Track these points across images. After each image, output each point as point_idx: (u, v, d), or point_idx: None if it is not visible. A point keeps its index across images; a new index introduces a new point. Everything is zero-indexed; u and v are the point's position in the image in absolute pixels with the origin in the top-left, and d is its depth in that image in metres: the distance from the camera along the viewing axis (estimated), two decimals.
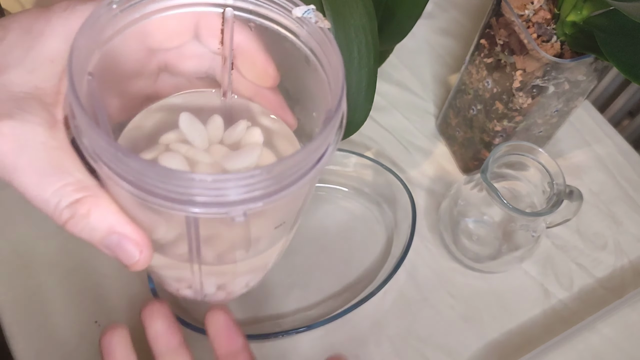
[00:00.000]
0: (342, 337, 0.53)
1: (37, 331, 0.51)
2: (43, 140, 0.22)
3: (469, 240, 0.55)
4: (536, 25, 0.48)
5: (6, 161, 0.22)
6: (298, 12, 0.27)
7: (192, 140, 0.28)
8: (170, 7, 0.26)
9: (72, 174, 0.22)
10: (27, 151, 0.22)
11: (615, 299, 0.57)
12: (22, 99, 0.22)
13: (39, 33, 0.23)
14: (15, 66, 0.23)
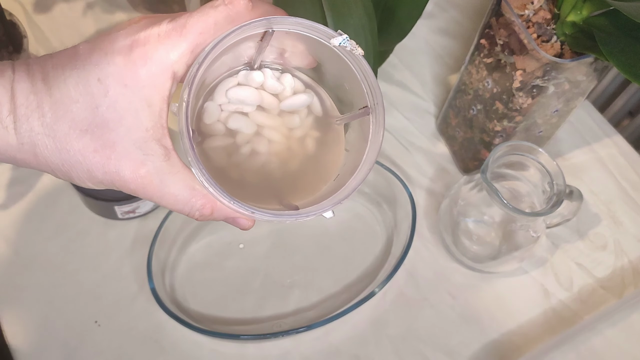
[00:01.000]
0: (342, 337, 0.53)
1: (37, 331, 0.51)
2: (168, 170, 0.30)
3: (469, 240, 0.55)
4: (536, 25, 0.48)
5: (148, 192, 0.30)
6: (335, 42, 0.31)
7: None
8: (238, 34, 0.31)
9: (194, 190, 0.31)
10: (162, 182, 0.30)
11: (615, 299, 0.57)
12: (144, 142, 0.30)
13: (133, 86, 0.29)
14: (128, 116, 0.29)
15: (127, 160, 0.30)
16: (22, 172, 0.59)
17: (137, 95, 0.29)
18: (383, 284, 0.52)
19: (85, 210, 0.57)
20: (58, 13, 0.69)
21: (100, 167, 0.30)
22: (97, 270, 0.54)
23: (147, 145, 0.30)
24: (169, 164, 0.30)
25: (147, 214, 0.57)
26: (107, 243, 0.56)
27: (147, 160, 0.30)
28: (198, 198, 0.31)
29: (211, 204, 0.32)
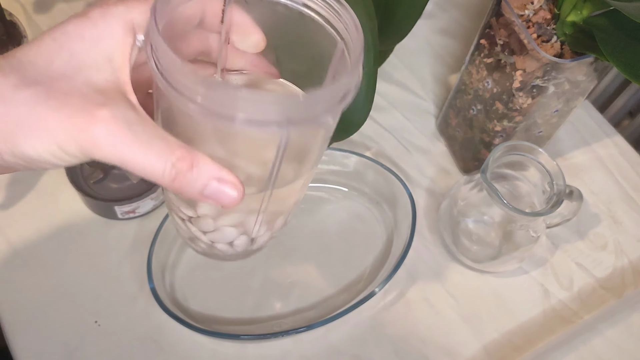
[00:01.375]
0: (342, 337, 0.53)
1: (37, 331, 0.51)
2: (135, 119, 0.26)
3: (469, 240, 0.55)
4: (536, 25, 0.48)
5: (115, 141, 0.26)
6: None
7: None
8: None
9: (169, 140, 0.26)
10: (130, 129, 0.26)
11: (615, 299, 0.57)
12: (106, 91, 0.26)
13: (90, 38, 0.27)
14: (86, 68, 0.27)
15: (87, 104, 0.26)
16: (22, 172, 0.59)
17: (95, 49, 0.27)
18: (383, 284, 0.52)
19: (85, 210, 0.57)
20: (58, 13, 0.69)
21: (55, 117, 0.25)
22: (97, 270, 0.54)
23: (109, 94, 0.27)
24: (137, 114, 0.27)
25: (147, 214, 0.57)
26: (107, 243, 0.56)
27: (111, 104, 0.26)
28: (175, 148, 0.26)
29: (191, 156, 0.27)
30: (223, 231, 0.33)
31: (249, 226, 0.33)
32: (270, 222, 0.35)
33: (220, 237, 0.34)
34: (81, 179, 0.56)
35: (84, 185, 0.55)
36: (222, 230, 0.33)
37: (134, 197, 0.55)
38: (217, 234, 0.33)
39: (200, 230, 0.34)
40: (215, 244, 0.34)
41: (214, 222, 0.33)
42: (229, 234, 0.33)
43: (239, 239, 0.34)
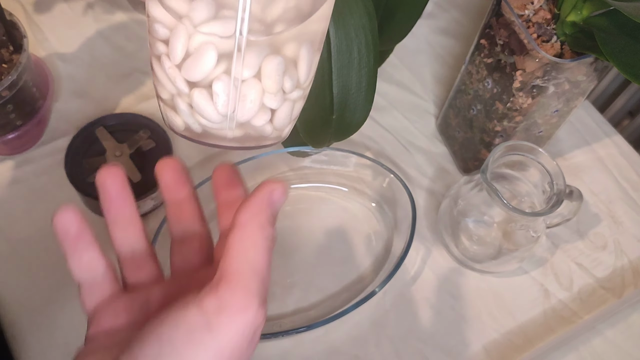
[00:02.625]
0: (342, 337, 0.53)
1: (37, 331, 0.51)
2: None
3: (469, 240, 0.55)
4: (536, 25, 0.48)
5: None
6: None
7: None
8: None
9: None
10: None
11: (615, 299, 0.57)
12: None
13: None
14: None
15: None
16: (22, 172, 0.59)
17: None
18: (383, 284, 0.52)
19: (86, 210, 0.57)
20: (58, 13, 0.69)
21: None
22: None
23: None
24: None
25: (147, 214, 0.57)
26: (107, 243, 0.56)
27: None
28: None
29: None
30: (201, 53, 0.27)
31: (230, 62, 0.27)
32: (257, 62, 0.28)
33: (196, 66, 0.27)
34: (81, 179, 0.56)
35: (84, 185, 0.55)
36: (199, 53, 0.27)
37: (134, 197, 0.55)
38: (193, 60, 0.27)
39: (174, 66, 0.28)
40: (193, 92, 0.28)
41: (187, 34, 0.27)
42: (207, 57, 0.27)
43: (220, 80, 0.28)
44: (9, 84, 0.53)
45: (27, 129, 0.58)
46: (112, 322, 0.31)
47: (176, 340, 0.25)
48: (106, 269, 0.33)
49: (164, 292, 0.33)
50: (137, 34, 0.68)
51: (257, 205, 0.28)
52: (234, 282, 0.26)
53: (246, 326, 0.27)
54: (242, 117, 0.29)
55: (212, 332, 0.26)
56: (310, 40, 0.29)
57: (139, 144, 0.58)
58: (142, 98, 0.64)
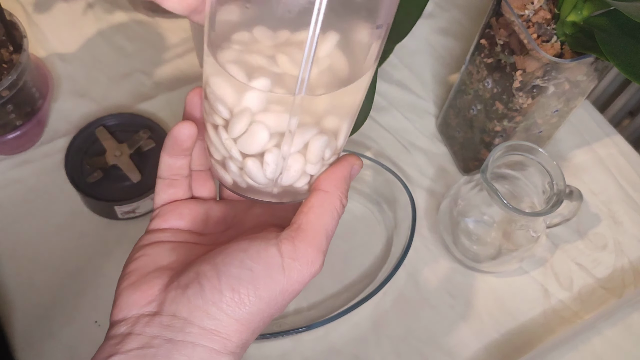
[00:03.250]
0: (342, 337, 0.53)
1: (38, 331, 0.51)
2: None
3: (469, 240, 0.55)
4: (536, 25, 0.48)
5: None
6: None
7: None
8: None
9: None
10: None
11: (615, 299, 0.57)
12: None
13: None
14: None
15: None
16: (22, 172, 0.59)
17: None
18: (383, 284, 0.52)
19: (85, 210, 0.57)
20: (58, 13, 0.69)
21: None
22: (97, 270, 0.54)
23: None
24: None
25: (147, 214, 0.57)
26: (107, 243, 0.56)
27: None
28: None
29: None
30: (255, 133, 0.31)
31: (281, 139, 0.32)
32: (304, 141, 0.32)
33: (251, 142, 0.31)
34: (81, 179, 0.56)
35: (84, 185, 0.55)
36: (253, 132, 0.31)
37: (134, 197, 0.55)
38: (248, 136, 0.31)
39: (231, 138, 0.32)
40: (246, 160, 0.32)
41: (248, 119, 0.31)
42: (260, 136, 0.31)
43: (271, 153, 0.32)
44: (9, 84, 0.53)
45: (27, 129, 0.58)
46: (176, 222, 0.35)
47: (255, 271, 0.29)
48: (187, 176, 0.36)
49: (222, 211, 0.37)
50: (137, 34, 0.68)
51: (340, 177, 0.33)
52: (310, 238, 0.31)
53: (311, 275, 0.31)
54: (286, 182, 0.33)
55: (285, 273, 0.30)
56: (350, 113, 0.34)
57: (139, 144, 0.58)
58: (142, 98, 0.64)
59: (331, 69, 0.31)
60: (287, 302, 0.31)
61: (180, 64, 0.67)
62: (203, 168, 0.37)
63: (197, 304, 0.29)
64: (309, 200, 0.32)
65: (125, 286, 0.32)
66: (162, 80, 0.66)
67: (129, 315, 0.30)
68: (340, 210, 0.33)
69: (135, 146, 0.57)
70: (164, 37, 0.69)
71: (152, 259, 0.32)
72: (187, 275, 0.30)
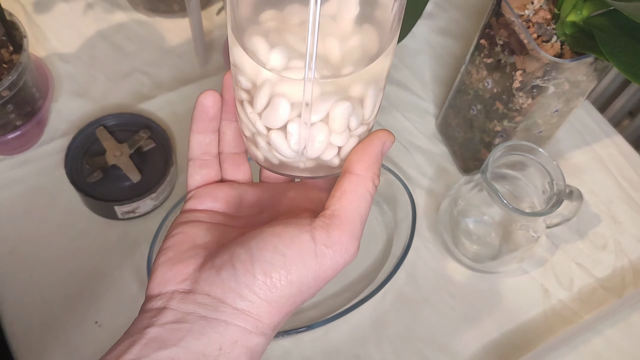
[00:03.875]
0: (342, 337, 0.53)
1: (38, 331, 0.51)
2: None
3: (469, 240, 0.55)
4: (536, 25, 0.48)
5: None
6: None
7: None
8: None
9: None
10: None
11: (615, 299, 0.57)
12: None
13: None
14: None
15: None
16: (22, 171, 0.59)
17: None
18: (383, 284, 0.52)
19: (85, 210, 0.57)
20: (58, 13, 0.69)
21: None
22: (97, 270, 0.54)
23: None
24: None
25: (147, 214, 0.57)
26: (107, 243, 0.56)
27: None
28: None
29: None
30: (276, 106, 0.31)
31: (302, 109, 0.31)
32: (326, 108, 0.31)
33: (273, 115, 0.31)
34: (81, 179, 0.56)
35: (84, 185, 0.55)
36: (275, 105, 0.31)
37: (134, 197, 0.55)
38: (270, 110, 0.31)
39: (255, 113, 0.32)
40: (271, 133, 0.32)
41: (268, 92, 0.31)
42: (281, 108, 0.31)
43: (293, 122, 0.31)
44: (9, 84, 0.53)
45: (27, 129, 0.58)
46: (211, 204, 0.36)
47: (288, 256, 0.30)
48: (217, 155, 0.37)
49: (256, 194, 0.37)
50: (137, 34, 0.68)
51: (372, 156, 0.33)
52: (345, 226, 0.31)
53: (345, 262, 0.31)
54: (312, 154, 0.33)
55: (317, 259, 0.30)
56: (376, 79, 0.33)
57: (139, 144, 0.58)
58: (142, 98, 0.64)
59: (359, 45, 0.31)
60: (319, 287, 0.31)
61: (180, 64, 0.67)
62: (238, 150, 0.37)
63: (230, 285, 0.29)
64: (341, 184, 0.32)
65: (162, 262, 0.32)
66: (162, 80, 0.66)
67: (165, 290, 0.31)
68: (373, 192, 0.33)
69: (135, 146, 0.57)
70: (164, 37, 0.69)
71: (189, 237, 0.33)
72: (221, 257, 0.30)
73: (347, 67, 0.30)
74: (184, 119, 0.63)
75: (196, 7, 0.58)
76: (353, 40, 0.31)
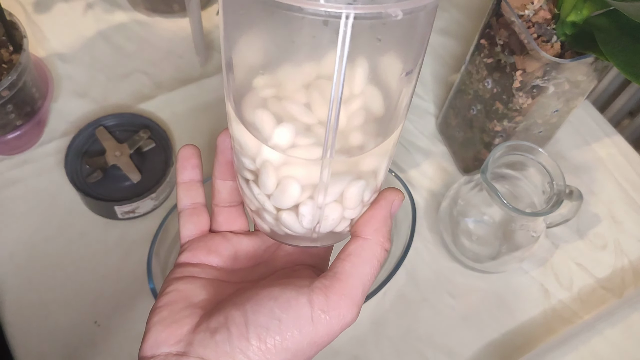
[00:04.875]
0: (342, 337, 0.53)
1: (37, 331, 0.51)
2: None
3: (469, 240, 0.55)
4: (536, 25, 0.48)
5: None
6: None
7: None
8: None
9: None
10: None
11: (615, 299, 0.57)
12: None
13: None
14: None
15: None
16: (22, 172, 0.59)
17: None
18: (383, 284, 0.52)
19: (85, 210, 0.57)
20: (58, 13, 0.69)
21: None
22: (97, 270, 0.54)
23: None
24: None
25: (147, 214, 0.57)
26: (107, 243, 0.56)
27: None
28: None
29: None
30: (286, 189, 0.30)
31: (314, 189, 0.30)
32: (340, 190, 0.30)
33: (283, 199, 0.30)
34: (81, 179, 0.56)
35: (84, 185, 0.55)
36: (284, 188, 0.30)
37: (134, 197, 0.55)
38: (280, 193, 0.30)
39: (263, 194, 0.31)
40: (281, 213, 0.31)
41: (276, 175, 0.30)
42: (292, 191, 0.30)
43: (305, 205, 0.30)
44: (9, 84, 0.53)
45: (27, 129, 0.58)
46: (205, 258, 0.35)
47: (283, 321, 0.29)
48: (205, 205, 0.37)
49: (252, 245, 0.36)
50: (137, 34, 0.68)
51: (380, 220, 0.32)
52: (344, 290, 0.30)
53: (341, 328, 0.30)
54: (324, 230, 0.32)
55: (314, 326, 0.29)
56: (388, 152, 0.31)
57: (139, 144, 0.58)
58: (142, 98, 0.64)
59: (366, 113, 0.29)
60: (314, 353, 0.30)
61: (180, 64, 0.67)
62: (235, 204, 0.37)
63: (224, 349, 0.29)
64: (347, 248, 0.31)
65: (155, 321, 0.31)
66: (162, 80, 0.66)
67: (158, 352, 0.30)
68: (382, 257, 0.31)
69: (135, 146, 0.57)
70: (164, 37, 0.69)
71: (183, 295, 0.32)
72: (216, 319, 0.30)
73: (365, 143, 0.29)
74: (184, 119, 0.63)
75: (196, 7, 0.58)
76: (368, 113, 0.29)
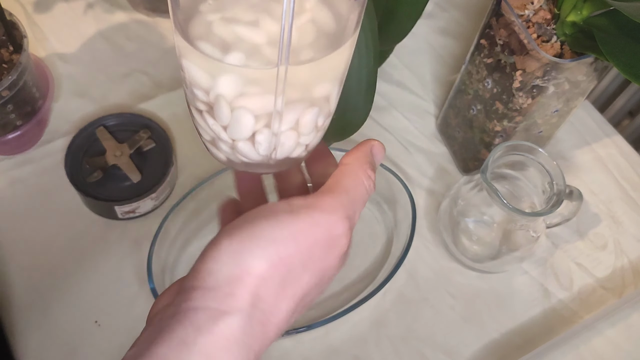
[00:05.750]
0: (342, 337, 0.53)
1: (37, 331, 0.51)
2: None
3: (469, 240, 0.55)
4: (536, 26, 0.48)
5: None
6: None
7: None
8: None
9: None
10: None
11: (615, 299, 0.57)
12: None
13: None
14: None
15: None
16: (22, 172, 0.59)
17: None
18: (383, 284, 0.52)
19: (85, 210, 0.57)
20: (58, 13, 0.69)
21: None
22: (97, 270, 0.54)
23: None
24: None
25: (147, 214, 0.57)
26: (107, 243, 0.56)
27: None
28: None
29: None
30: (240, 120, 0.29)
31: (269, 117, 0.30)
32: (295, 117, 0.30)
33: (239, 129, 0.30)
34: (81, 179, 0.56)
35: (84, 185, 0.55)
36: (239, 119, 0.29)
37: (134, 197, 0.55)
38: (235, 124, 0.30)
39: (219, 125, 0.31)
40: (237, 142, 0.31)
41: (230, 107, 0.29)
42: (247, 122, 0.29)
43: (261, 133, 0.30)
44: (9, 84, 0.53)
45: (27, 129, 0.58)
46: None
47: (257, 217, 0.28)
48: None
49: None
50: (137, 34, 0.68)
51: (361, 151, 0.33)
52: (324, 192, 0.30)
53: (324, 225, 0.29)
54: (281, 156, 0.32)
55: (292, 215, 0.28)
56: (339, 75, 0.32)
57: (139, 144, 0.58)
58: (142, 98, 0.64)
59: (316, 28, 0.29)
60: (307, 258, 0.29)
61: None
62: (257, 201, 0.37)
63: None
64: (332, 175, 0.32)
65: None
66: (162, 80, 0.66)
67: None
68: (365, 175, 0.32)
69: (135, 146, 0.57)
70: (164, 37, 0.69)
71: None
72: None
73: (307, 52, 0.29)
74: (184, 119, 0.63)
75: None
76: (313, 25, 0.29)
